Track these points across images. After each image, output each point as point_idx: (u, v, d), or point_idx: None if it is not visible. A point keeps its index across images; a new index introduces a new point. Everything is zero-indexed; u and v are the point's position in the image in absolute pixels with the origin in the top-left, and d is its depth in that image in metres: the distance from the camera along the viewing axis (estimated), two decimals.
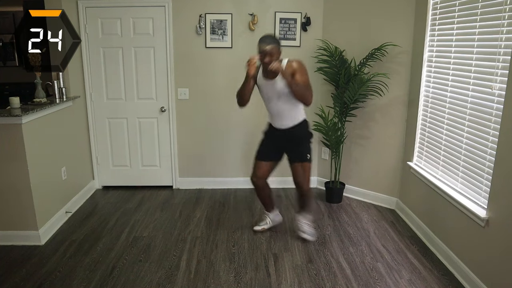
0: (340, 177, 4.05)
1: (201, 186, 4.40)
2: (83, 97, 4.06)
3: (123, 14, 3.93)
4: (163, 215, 3.68)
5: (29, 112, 2.94)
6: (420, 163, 3.42)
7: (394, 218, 3.66)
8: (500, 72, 2.34)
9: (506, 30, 2.30)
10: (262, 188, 3.20)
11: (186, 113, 4.20)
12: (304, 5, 3.96)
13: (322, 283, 2.63)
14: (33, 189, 3.02)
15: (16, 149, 2.93)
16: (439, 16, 3.05)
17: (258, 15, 3.97)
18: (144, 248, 3.08)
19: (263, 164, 3.12)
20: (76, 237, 3.25)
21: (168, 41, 3.99)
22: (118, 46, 4.01)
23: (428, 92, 3.24)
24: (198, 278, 2.68)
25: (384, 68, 3.62)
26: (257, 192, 3.26)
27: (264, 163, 3.12)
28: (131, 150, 4.28)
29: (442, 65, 3.02)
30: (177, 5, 3.93)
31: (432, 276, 2.73)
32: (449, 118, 2.93)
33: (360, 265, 2.86)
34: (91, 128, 4.19)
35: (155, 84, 4.12)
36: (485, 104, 2.48)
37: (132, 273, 2.73)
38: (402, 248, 3.10)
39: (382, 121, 3.79)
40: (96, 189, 4.34)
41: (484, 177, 2.51)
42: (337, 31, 3.91)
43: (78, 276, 2.68)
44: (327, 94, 4.06)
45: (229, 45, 4.03)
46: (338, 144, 3.82)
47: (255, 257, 2.96)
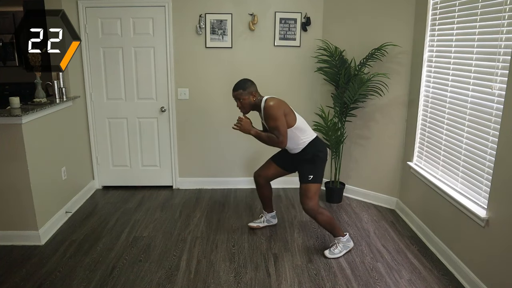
0: (340, 177, 4.05)
1: (201, 186, 4.40)
2: (83, 97, 4.06)
3: (123, 14, 3.93)
4: (163, 215, 3.68)
5: (29, 112, 2.94)
6: (420, 163, 3.42)
7: (394, 218, 3.66)
8: (500, 72, 2.34)
9: (506, 30, 2.30)
10: (262, 186, 3.26)
11: (186, 113, 4.20)
12: (304, 5, 3.96)
13: (322, 283, 2.63)
14: (33, 189, 3.02)
15: (16, 149, 2.93)
16: (439, 16, 3.05)
17: (258, 15, 3.97)
18: (144, 248, 3.08)
19: (272, 165, 3.17)
20: (76, 237, 3.25)
21: (168, 41, 3.99)
22: (118, 46, 4.01)
23: (428, 92, 3.24)
24: (198, 278, 2.68)
25: (384, 68, 3.62)
26: (257, 189, 3.31)
27: (274, 165, 3.17)
28: (131, 150, 4.28)
29: (442, 65, 3.02)
30: (177, 5, 3.93)
31: (432, 276, 2.73)
32: (449, 118, 2.92)
33: (360, 265, 2.86)
34: (91, 128, 4.19)
35: (155, 84, 4.12)
36: (485, 104, 2.48)
37: (132, 273, 2.73)
38: (402, 248, 3.10)
39: (382, 121, 3.79)
40: (96, 189, 4.34)
41: (484, 177, 2.51)
42: (337, 31, 3.91)
43: (78, 276, 2.68)
44: (327, 94, 4.06)
45: (229, 45, 4.03)
46: (338, 144, 3.82)
47: (255, 257, 2.96)
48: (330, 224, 2.95)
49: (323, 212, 2.92)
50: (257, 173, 3.25)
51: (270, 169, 3.19)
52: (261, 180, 3.23)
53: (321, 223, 2.95)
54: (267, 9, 3.97)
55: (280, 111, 2.79)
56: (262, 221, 3.42)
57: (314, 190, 2.89)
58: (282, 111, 2.80)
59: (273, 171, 3.19)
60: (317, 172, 2.90)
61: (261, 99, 2.89)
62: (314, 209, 2.89)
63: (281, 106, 2.81)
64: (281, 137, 2.80)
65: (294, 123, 2.86)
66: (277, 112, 2.78)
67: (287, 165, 3.14)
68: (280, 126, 2.78)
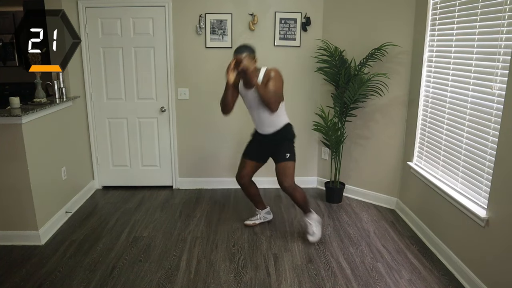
0: (340, 177, 4.05)
1: (201, 186, 4.40)
2: (83, 97, 4.06)
3: (123, 14, 3.93)
4: (163, 215, 3.68)
5: (29, 112, 2.94)
6: (420, 163, 3.42)
7: (394, 218, 3.66)
8: (500, 72, 2.34)
9: (506, 30, 2.30)
10: (247, 187, 3.31)
11: (186, 113, 4.20)
12: (304, 5, 3.96)
13: (322, 283, 2.63)
14: (33, 189, 3.02)
15: (16, 149, 2.93)
16: (439, 16, 3.05)
17: (258, 15, 3.97)
18: (144, 248, 3.08)
19: (247, 163, 3.23)
20: (76, 237, 3.25)
21: (168, 41, 3.99)
22: (118, 46, 4.01)
23: (428, 92, 3.24)
24: (198, 278, 2.68)
25: (384, 68, 3.62)
26: (244, 191, 3.37)
27: (248, 162, 3.22)
28: (131, 150, 4.28)
29: (442, 65, 3.02)
30: (177, 5, 3.93)
31: (432, 276, 2.73)
32: (449, 118, 2.92)
33: (360, 265, 2.86)
34: (91, 128, 4.19)
35: (155, 84, 4.12)
36: (485, 104, 2.48)
37: (132, 273, 2.73)
38: (402, 248, 3.10)
39: (382, 121, 3.79)
40: (96, 189, 4.34)
41: (484, 177, 2.51)
42: (337, 31, 3.91)
43: (78, 276, 2.68)
44: (327, 94, 4.06)
45: (229, 45, 4.03)
46: (338, 144, 3.82)
47: (255, 257, 2.96)
48: (304, 200, 3.14)
49: (299, 189, 3.09)
50: (238, 176, 3.28)
51: (247, 167, 3.24)
52: (244, 181, 3.27)
53: (297, 200, 3.11)
54: (267, 9, 3.97)
55: (282, 79, 2.92)
56: (257, 218, 3.46)
57: (292, 167, 3.04)
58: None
59: (250, 167, 3.24)
60: (292, 151, 3.06)
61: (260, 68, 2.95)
62: (292, 186, 3.04)
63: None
64: (279, 99, 2.87)
65: (283, 100, 2.99)
66: (281, 78, 2.91)
67: (261, 156, 3.22)
68: (280, 90, 2.90)
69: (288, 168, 3.02)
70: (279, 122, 3.04)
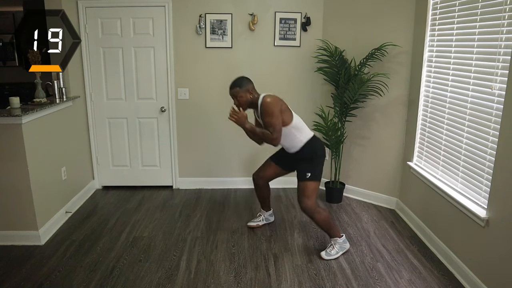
0: (340, 177, 4.05)
1: (201, 186, 4.40)
2: (83, 97, 4.06)
3: (123, 14, 3.93)
4: (163, 215, 3.68)
5: (29, 112, 2.94)
6: (420, 163, 3.42)
7: (394, 218, 3.66)
8: (500, 72, 2.34)
9: (506, 30, 2.30)
10: (261, 187, 3.29)
11: (186, 113, 4.20)
12: (304, 5, 3.96)
13: (322, 283, 2.63)
14: (33, 189, 3.02)
15: (16, 149, 2.93)
16: (439, 16, 3.05)
17: (258, 15, 3.97)
18: (144, 248, 3.08)
19: (271, 165, 3.18)
20: (76, 237, 3.25)
21: (168, 41, 3.99)
22: (118, 46, 4.01)
23: (428, 92, 3.24)
24: (198, 278, 2.68)
25: (384, 68, 3.62)
26: (256, 191, 3.35)
27: (273, 165, 3.18)
28: (131, 150, 4.28)
29: (442, 65, 3.02)
30: (177, 5, 3.93)
31: (432, 276, 2.73)
32: (449, 118, 2.93)
33: (360, 265, 2.86)
34: (91, 128, 4.18)
35: (155, 84, 4.12)
36: (485, 104, 2.48)
37: (132, 273, 2.73)
38: (402, 248, 3.10)
39: (382, 121, 3.79)
40: (96, 189, 4.34)
41: (484, 177, 2.51)
42: (337, 31, 3.91)
43: (78, 276, 2.68)
44: (327, 94, 4.06)
45: (229, 45, 4.03)
46: (338, 144, 3.82)
47: (255, 257, 2.96)
48: (327, 224, 2.93)
49: (321, 212, 2.90)
50: (256, 175, 3.26)
51: (269, 169, 3.20)
52: (260, 181, 3.25)
53: (318, 223, 2.93)
54: (267, 9, 3.97)
55: (277, 107, 2.79)
56: (261, 219, 3.43)
57: (311, 188, 2.87)
58: (279, 108, 2.80)
59: (272, 171, 3.20)
60: (315, 171, 2.89)
61: (258, 97, 2.88)
62: (312, 208, 2.87)
63: (278, 103, 2.81)
64: (276, 134, 2.80)
65: (290, 121, 2.86)
66: (274, 108, 2.78)
67: (286, 165, 3.14)
68: (275, 122, 2.78)
69: (307, 188, 2.86)
70: (297, 143, 2.91)
